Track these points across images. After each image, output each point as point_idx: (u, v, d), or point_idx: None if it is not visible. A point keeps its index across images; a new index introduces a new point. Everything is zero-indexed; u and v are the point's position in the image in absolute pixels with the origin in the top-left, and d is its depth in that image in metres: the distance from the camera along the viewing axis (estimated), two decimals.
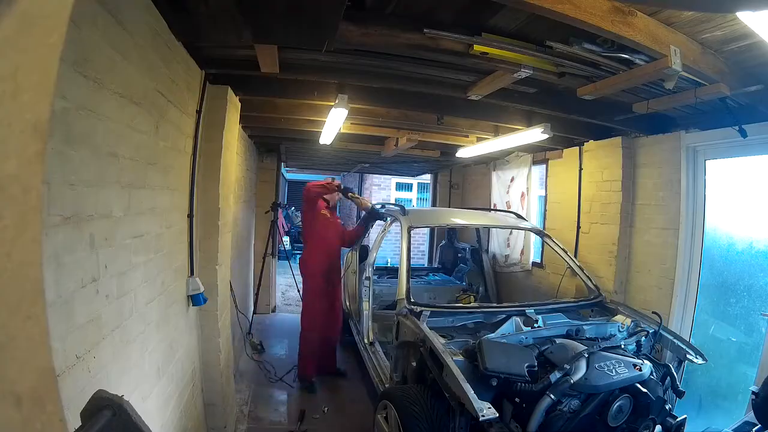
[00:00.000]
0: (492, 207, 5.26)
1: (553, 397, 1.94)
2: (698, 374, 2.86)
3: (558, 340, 2.36)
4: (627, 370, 2.08)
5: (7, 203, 0.39)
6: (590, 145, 3.81)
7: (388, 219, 3.93)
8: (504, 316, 2.71)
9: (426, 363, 2.25)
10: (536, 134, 3.21)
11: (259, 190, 5.77)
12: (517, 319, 2.63)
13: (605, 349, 2.24)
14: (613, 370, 2.06)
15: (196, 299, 2.29)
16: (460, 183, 6.95)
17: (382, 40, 1.86)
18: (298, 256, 11.49)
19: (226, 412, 2.68)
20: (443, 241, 6.02)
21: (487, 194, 5.53)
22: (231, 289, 2.99)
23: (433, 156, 5.18)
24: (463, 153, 4.51)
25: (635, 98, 2.69)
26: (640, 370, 2.10)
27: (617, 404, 2.04)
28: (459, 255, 5.55)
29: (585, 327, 2.63)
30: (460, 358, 2.15)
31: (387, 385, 2.88)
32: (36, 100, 0.41)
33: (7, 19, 0.36)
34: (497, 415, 1.76)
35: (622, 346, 2.42)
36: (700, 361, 2.38)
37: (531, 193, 4.69)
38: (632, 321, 2.73)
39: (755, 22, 1.50)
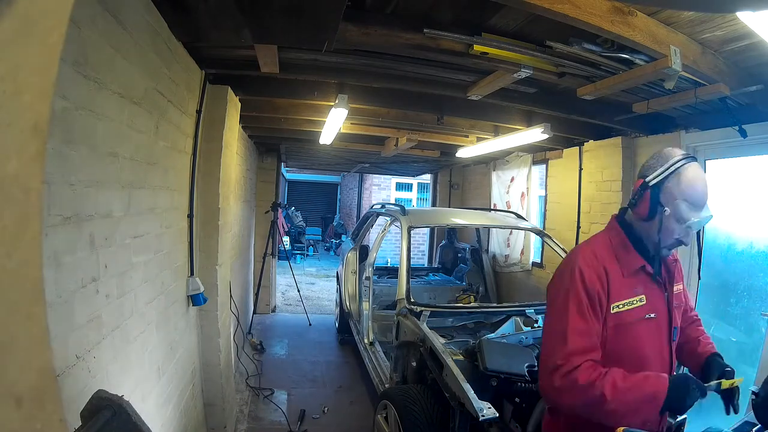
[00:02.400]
0: (492, 207, 5.26)
1: None
2: None
3: None
4: None
5: (7, 203, 0.39)
6: (590, 145, 3.81)
7: (388, 219, 3.93)
8: (504, 316, 2.71)
9: (426, 363, 2.25)
10: (536, 134, 3.21)
11: (259, 190, 5.77)
12: (517, 319, 2.63)
13: None
14: None
15: (196, 299, 2.29)
16: (460, 183, 6.95)
17: (382, 40, 1.86)
18: (299, 257, 11.45)
19: (226, 412, 2.68)
20: (443, 241, 6.02)
21: (487, 194, 5.53)
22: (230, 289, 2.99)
23: (433, 156, 5.18)
24: (463, 153, 4.51)
25: (635, 98, 2.69)
26: None
27: None
28: (459, 255, 5.54)
29: None
30: (460, 358, 2.15)
31: (387, 385, 2.88)
32: (36, 100, 0.41)
33: (8, 19, 0.36)
34: (497, 414, 1.76)
35: None
36: None
37: (531, 193, 4.69)
38: None
39: (755, 22, 1.50)
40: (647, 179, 1.18)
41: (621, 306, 1.18)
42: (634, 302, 1.19)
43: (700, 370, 1.34)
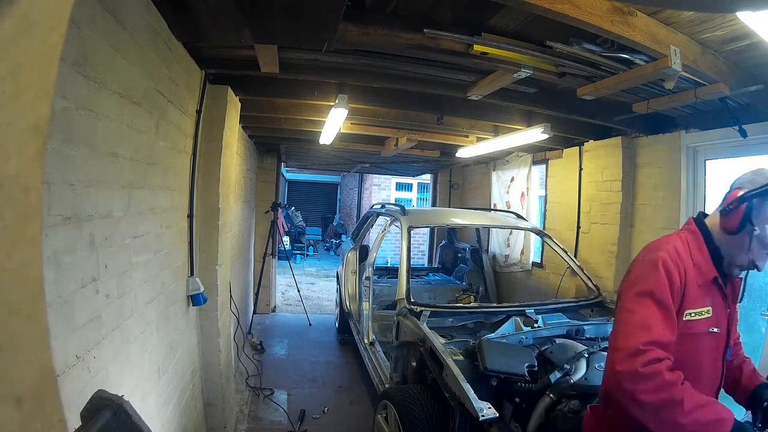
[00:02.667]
0: (492, 207, 5.26)
1: (553, 397, 1.94)
2: None
3: (558, 340, 2.36)
4: None
5: (7, 203, 0.39)
6: (590, 145, 3.81)
7: (388, 219, 3.93)
8: (504, 316, 2.71)
9: (426, 363, 2.25)
10: (536, 134, 3.21)
11: (259, 190, 5.76)
12: (517, 319, 2.62)
13: (605, 349, 2.24)
14: None
15: (196, 299, 2.29)
16: (460, 183, 6.95)
17: (382, 40, 1.86)
18: (299, 257, 11.40)
19: (226, 412, 2.68)
20: (443, 241, 6.02)
21: (487, 194, 5.53)
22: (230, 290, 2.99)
23: (433, 156, 5.18)
24: (463, 153, 4.51)
25: (635, 98, 2.69)
26: None
27: None
28: (459, 255, 5.54)
29: (585, 327, 2.62)
30: (460, 358, 2.15)
31: (387, 385, 2.88)
32: (36, 100, 0.41)
33: (8, 19, 0.36)
34: (497, 414, 1.76)
35: None
36: None
37: (531, 193, 4.69)
38: None
39: (755, 22, 1.50)
40: (745, 193, 1.13)
41: (692, 315, 1.14)
42: (703, 313, 1.16)
43: (747, 401, 1.30)
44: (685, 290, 1.13)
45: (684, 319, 1.13)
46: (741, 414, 1.33)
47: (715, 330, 1.18)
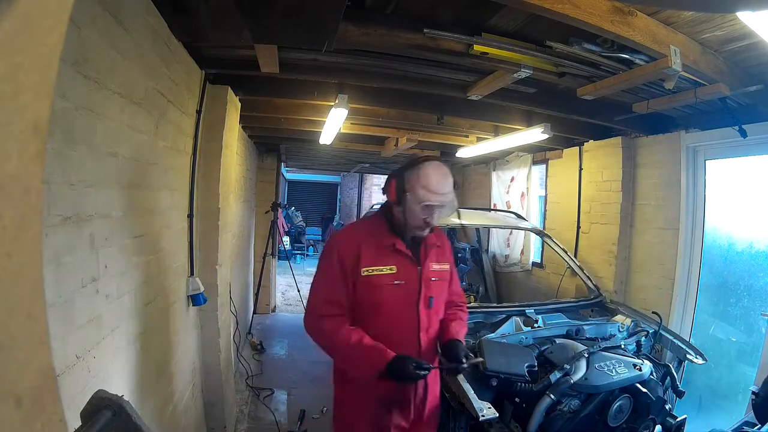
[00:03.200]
0: (492, 207, 5.26)
1: (553, 397, 1.94)
2: (698, 374, 2.86)
3: (558, 340, 2.35)
4: (627, 370, 2.08)
5: (7, 203, 0.39)
6: (590, 145, 3.81)
7: None
8: (504, 316, 2.71)
9: None
10: (536, 134, 3.21)
11: (259, 190, 5.76)
12: (517, 319, 2.62)
13: (605, 349, 2.24)
14: (613, 370, 2.05)
15: (196, 299, 2.29)
16: (460, 183, 6.94)
17: (382, 40, 1.86)
18: (299, 257, 11.34)
19: (226, 412, 2.68)
20: None
21: (487, 194, 5.53)
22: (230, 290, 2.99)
23: (433, 156, 5.18)
24: (463, 153, 4.51)
25: (635, 98, 2.69)
26: (640, 370, 2.10)
27: (617, 404, 2.03)
28: (459, 255, 5.54)
29: (585, 327, 2.62)
30: None
31: None
32: (36, 100, 0.41)
33: (7, 19, 0.36)
34: (497, 415, 1.76)
35: (622, 346, 2.41)
36: (700, 361, 2.38)
37: (531, 193, 4.69)
38: (632, 321, 2.73)
39: (755, 22, 1.50)
40: (392, 172, 1.57)
41: (370, 271, 1.50)
42: (384, 270, 1.51)
43: (441, 351, 1.61)
44: (359, 256, 1.48)
45: (363, 274, 1.48)
46: (740, 416, 1.33)
47: (400, 282, 1.52)
